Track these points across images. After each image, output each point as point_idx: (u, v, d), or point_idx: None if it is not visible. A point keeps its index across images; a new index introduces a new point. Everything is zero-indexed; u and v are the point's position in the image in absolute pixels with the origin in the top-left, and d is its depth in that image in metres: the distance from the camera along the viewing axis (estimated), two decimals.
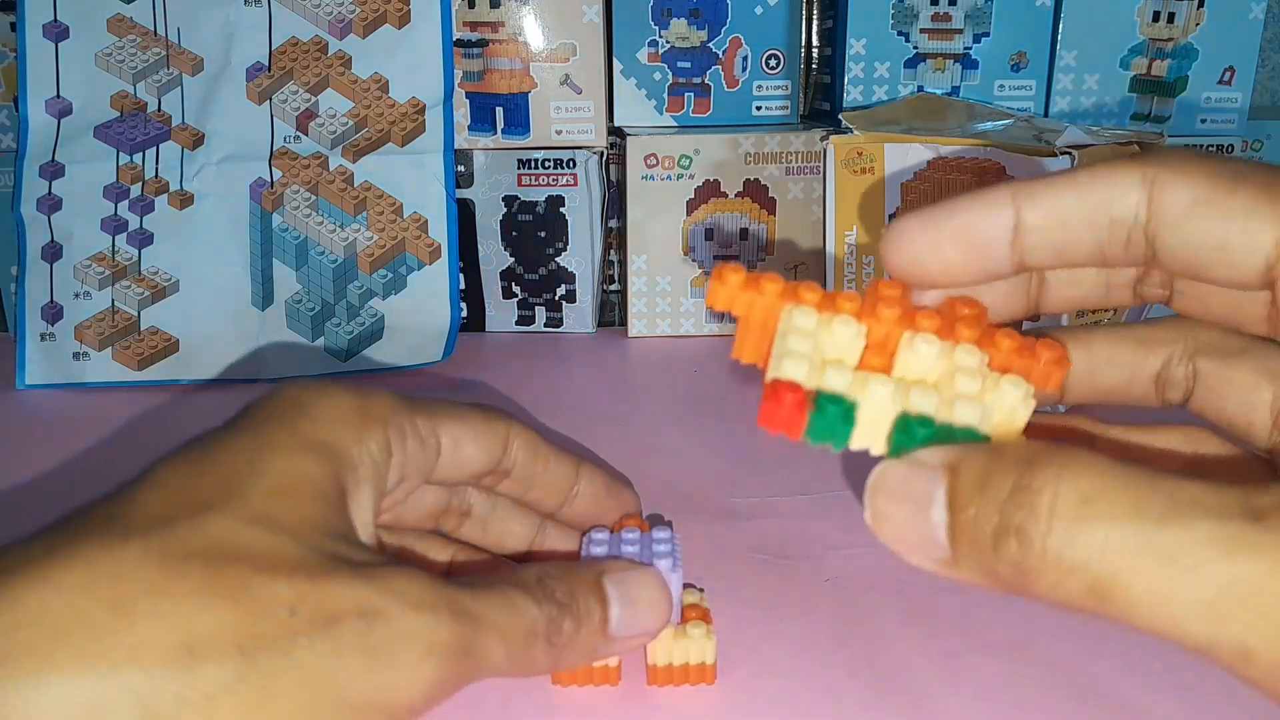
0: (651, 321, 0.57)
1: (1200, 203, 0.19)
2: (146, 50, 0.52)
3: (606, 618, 0.24)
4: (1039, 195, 0.21)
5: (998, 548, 0.17)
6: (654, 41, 0.55)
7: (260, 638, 0.18)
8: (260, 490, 0.21)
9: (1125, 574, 0.16)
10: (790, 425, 0.19)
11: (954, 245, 0.21)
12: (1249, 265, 0.19)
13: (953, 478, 0.18)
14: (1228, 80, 0.56)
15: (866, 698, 0.26)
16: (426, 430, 0.25)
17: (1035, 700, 0.26)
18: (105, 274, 0.51)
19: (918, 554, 0.19)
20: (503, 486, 0.28)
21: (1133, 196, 0.20)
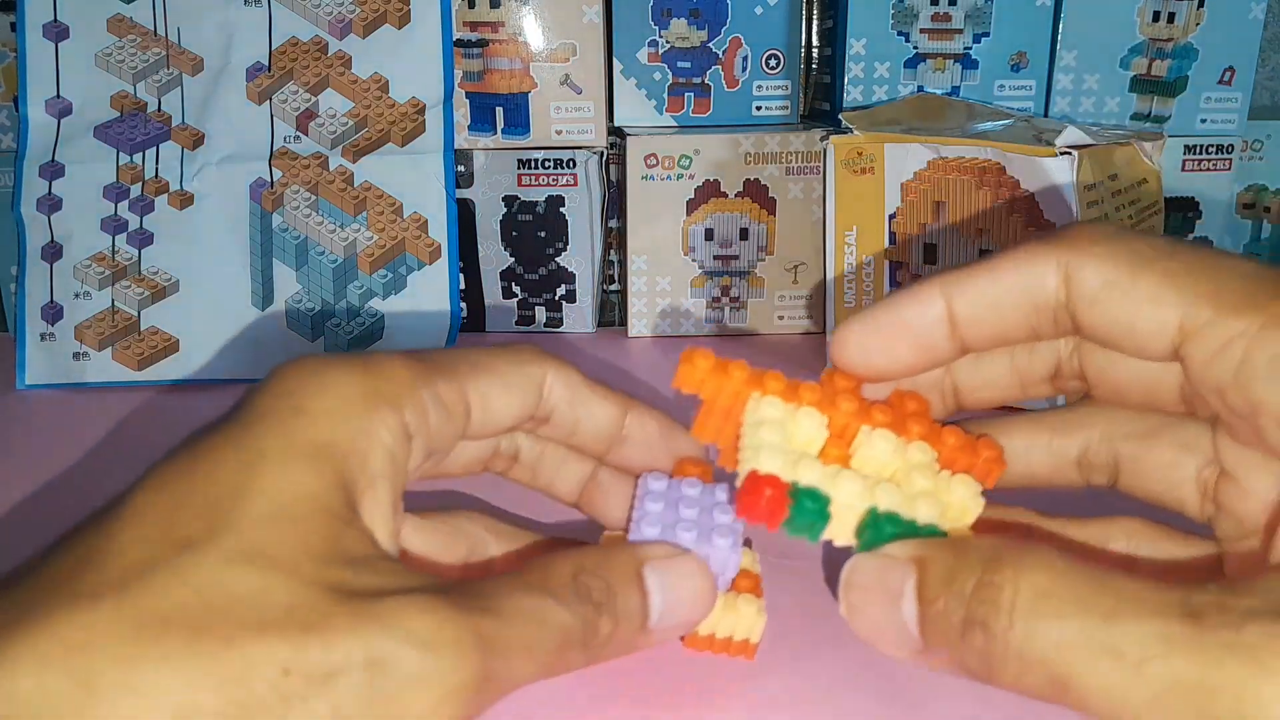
0: (651, 321, 0.57)
1: (1109, 286, 0.21)
2: (146, 50, 0.52)
3: (647, 611, 0.22)
4: (965, 285, 0.22)
5: (964, 638, 0.18)
6: (654, 41, 0.55)
7: (249, 708, 0.17)
8: (251, 518, 0.19)
9: (1079, 669, 0.17)
10: (770, 517, 0.21)
11: (894, 340, 0.23)
12: (1158, 344, 0.20)
13: (921, 571, 0.19)
14: (1228, 80, 0.56)
15: (868, 697, 0.26)
16: (451, 396, 0.23)
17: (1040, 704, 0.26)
18: (105, 274, 0.51)
19: (892, 644, 0.20)
20: (544, 431, 0.25)
21: (1050, 281, 0.21)
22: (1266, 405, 0.19)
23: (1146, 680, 0.16)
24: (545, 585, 0.21)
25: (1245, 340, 0.19)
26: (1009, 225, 0.47)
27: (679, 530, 0.23)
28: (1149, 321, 0.20)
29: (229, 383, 0.51)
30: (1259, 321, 0.19)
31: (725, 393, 0.23)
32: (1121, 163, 0.47)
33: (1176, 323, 0.20)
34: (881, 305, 0.23)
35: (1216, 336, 0.19)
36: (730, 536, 0.24)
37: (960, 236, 0.49)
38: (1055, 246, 0.21)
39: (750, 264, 0.56)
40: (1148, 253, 0.20)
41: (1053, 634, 0.17)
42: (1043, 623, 0.17)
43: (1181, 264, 0.20)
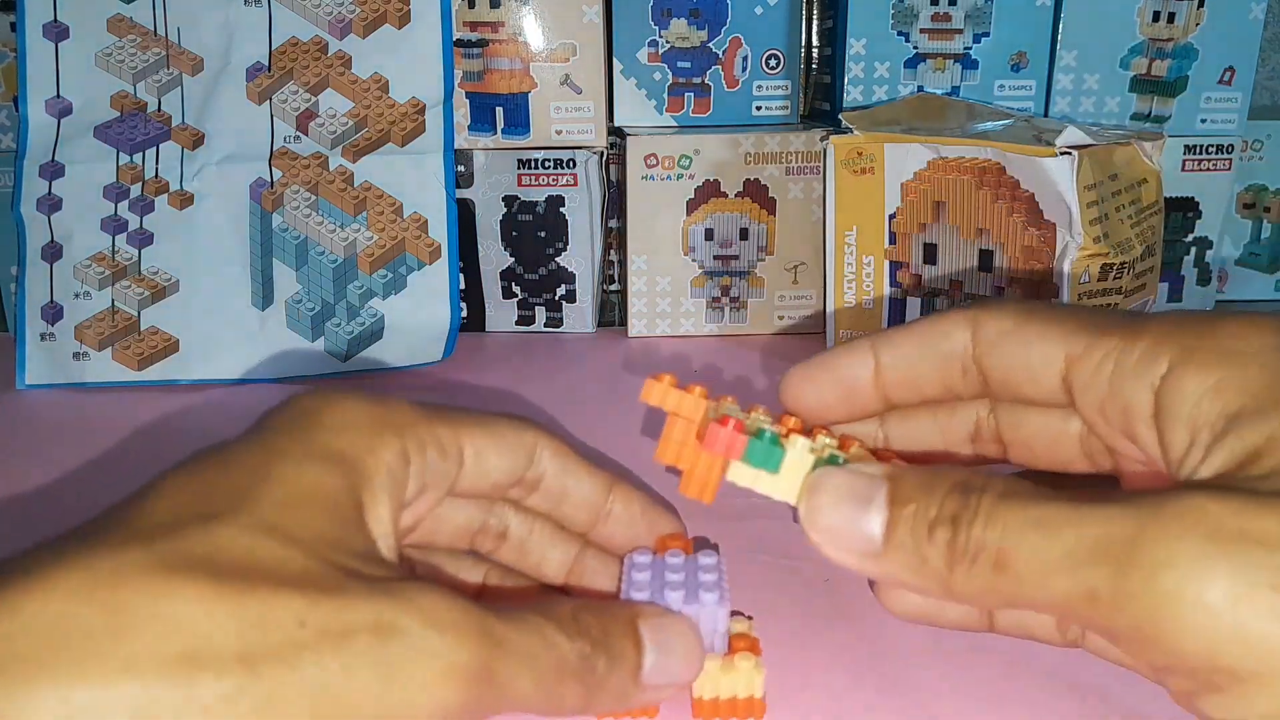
0: (651, 321, 0.57)
1: (1005, 333, 0.25)
2: (146, 50, 0.52)
3: (640, 663, 0.23)
4: (891, 339, 0.26)
5: (933, 535, 0.21)
6: (654, 41, 0.55)
7: (265, 649, 0.17)
8: (271, 500, 0.20)
9: (1016, 543, 0.20)
10: (732, 444, 0.24)
11: (830, 386, 0.27)
12: (1049, 379, 0.24)
13: (894, 484, 0.22)
14: (1228, 80, 0.56)
15: (868, 698, 0.26)
16: (448, 439, 0.24)
17: (1037, 700, 0.26)
18: (105, 274, 0.51)
19: (846, 546, 0.22)
20: (532, 500, 0.27)
21: (960, 334, 0.25)
22: (1135, 407, 0.22)
23: (1061, 540, 0.19)
24: (547, 613, 0.21)
25: (1115, 353, 0.23)
26: (1009, 225, 0.47)
27: (666, 591, 0.25)
28: (1039, 356, 0.24)
29: (229, 383, 0.51)
30: (1125, 337, 0.23)
31: (687, 403, 0.25)
32: (1121, 163, 0.47)
33: (1062, 354, 0.24)
34: (820, 356, 0.27)
35: (1093, 356, 0.23)
36: (716, 592, 0.25)
37: (960, 237, 0.49)
38: (965, 310, 0.26)
39: (750, 264, 0.56)
40: (1038, 308, 0.25)
41: (1009, 522, 0.20)
42: (999, 511, 0.20)
43: (1064, 313, 0.24)
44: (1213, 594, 0.17)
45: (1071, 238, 0.45)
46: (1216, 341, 0.21)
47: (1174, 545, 0.18)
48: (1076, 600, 0.19)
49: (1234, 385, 0.20)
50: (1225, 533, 0.18)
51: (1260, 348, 0.21)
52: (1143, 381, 0.22)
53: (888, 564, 0.22)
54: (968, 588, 0.20)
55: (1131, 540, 0.18)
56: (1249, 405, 0.20)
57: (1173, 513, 0.18)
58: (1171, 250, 0.58)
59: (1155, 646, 0.18)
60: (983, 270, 0.49)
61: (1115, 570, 0.18)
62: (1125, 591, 0.18)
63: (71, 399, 0.49)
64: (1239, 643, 0.17)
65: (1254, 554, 0.17)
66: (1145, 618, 0.18)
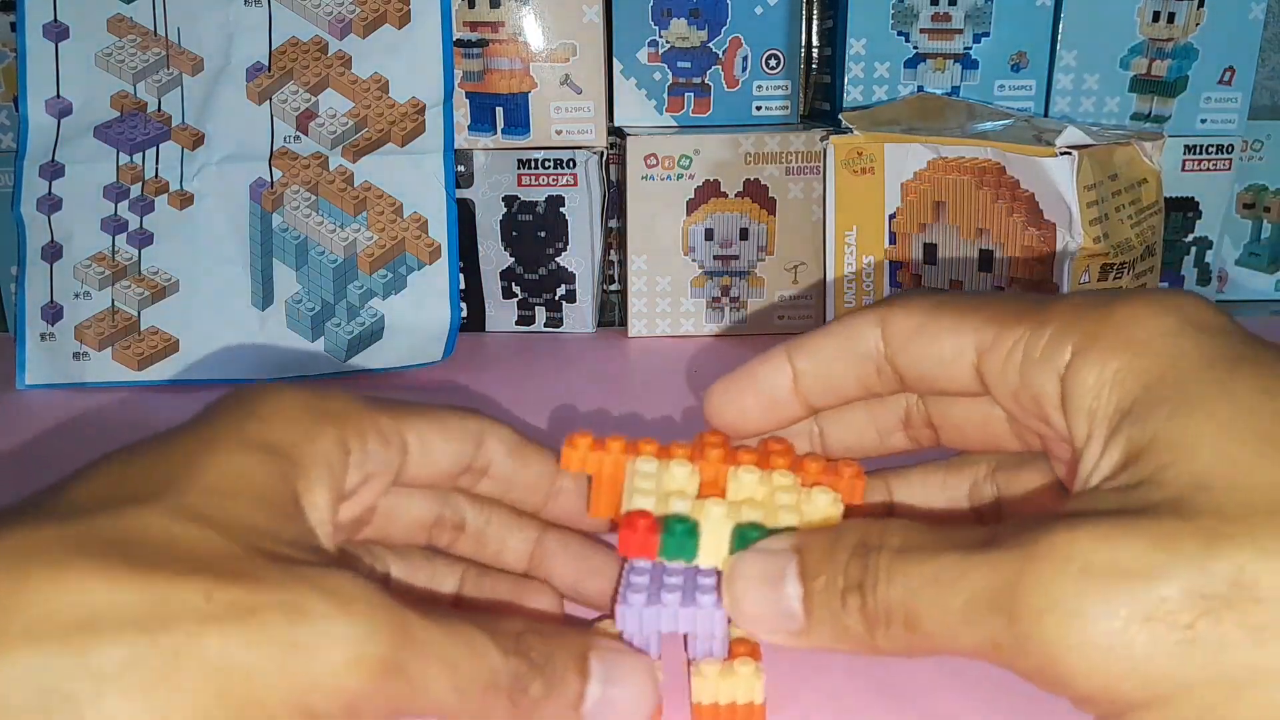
0: (651, 321, 0.57)
1: (916, 329, 0.24)
2: (146, 50, 0.52)
3: (583, 695, 0.22)
4: (805, 345, 0.26)
5: (845, 604, 0.21)
6: (654, 41, 0.55)
7: (166, 620, 0.17)
8: (195, 487, 0.20)
9: (918, 602, 0.20)
10: (646, 547, 0.24)
11: (750, 397, 0.27)
12: (963, 371, 0.24)
13: (801, 556, 0.22)
14: (1228, 80, 0.56)
15: (870, 703, 0.26)
16: (390, 428, 0.24)
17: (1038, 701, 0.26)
18: (105, 274, 0.51)
19: (774, 628, 0.22)
20: (482, 487, 0.27)
21: (871, 333, 0.25)
22: (1045, 395, 0.22)
23: (956, 595, 0.19)
24: (488, 627, 0.21)
25: (1023, 342, 0.23)
26: (1009, 225, 0.47)
27: (664, 594, 0.24)
28: (949, 350, 0.24)
29: (229, 383, 0.51)
30: (1031, 325, 0.23)
31: (607, 465, 0.26)
32: (1122, 163, 0.47)
33: (972, 347, 0.24)
34: (740, 368, 0.27)
35: (1002, 346, 0.23)
36: (714, 595, 0.24)
37: (960, 237, 0.49)
38: (874, 308, 0.25)
39: (750, 264, 0.56)
40: (945, 300, 0.25)
41: (908, 580, 0.20)
42: (900, 573, 0.20)
43: (971, 303, 0.24)
44: (1091, 637, 0.18)
45: (1071, 238, 0.45)
46: (1116, 327, 0.21)
47: (1050, 589, 0.18)
48: (985, 650, 0.19)
49: (1129, 377, 0.21)
50: (1095, 569, 0.18)
51: (1157, 332, 0.21)
52: (1049, 370, 0.22)
53: (815, 638, 0.22)
54: (892, 647, 0.21)
55: (1013, 587, 0.18)
56: (1141, 399, 0.20)
57: (1045, 552, 0.18)
58: (1171, 250, 0.58)
59: (1061, 687, 0.19)
60: (983, 270, 0.49)
61: (1006, 620, 0.19)
62: (1020, 638, 0.18)
63: (71, 399, 0.49)
64: (1126, 678, 0.18)
65: (1124, 587, 0.18)
66: (1043, 663, 0.18)
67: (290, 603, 0.18)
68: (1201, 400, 0.19)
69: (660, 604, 0.24)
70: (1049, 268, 0.46)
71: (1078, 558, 0.18)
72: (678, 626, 0.25)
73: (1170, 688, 0.17)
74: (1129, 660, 0.17)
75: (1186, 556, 0.18)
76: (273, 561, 0.19)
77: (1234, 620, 0.17)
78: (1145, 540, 0.18)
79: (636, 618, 0.24)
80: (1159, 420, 0.20)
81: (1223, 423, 0.19)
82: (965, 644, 0.19)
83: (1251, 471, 0.18)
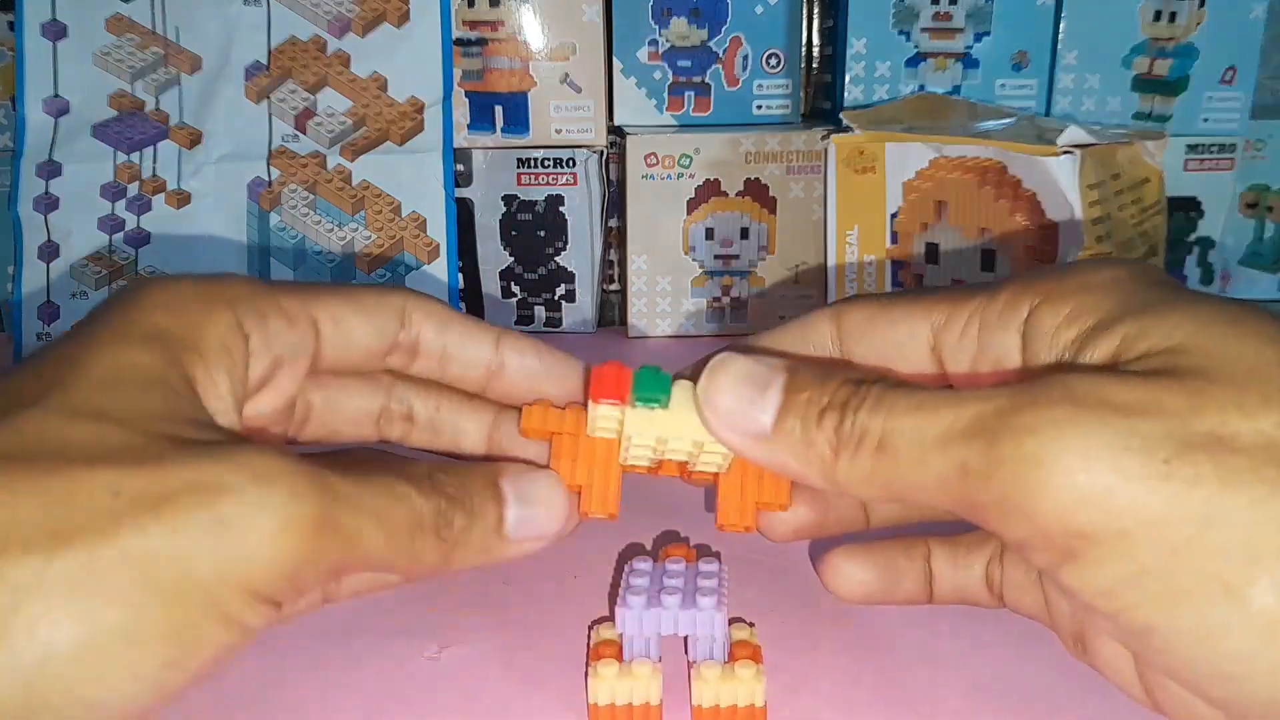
0: (652, 321, 0.57)
1: (869, 319, 0.25)
2: (145, 49, 0.52)
3: (503, 517, 0.23)
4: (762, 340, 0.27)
5: (821, 421, 0.21)
6: (654, 40, 0.55)
7: (76, 524, 0.17)
8: (84, 383, 0.19)
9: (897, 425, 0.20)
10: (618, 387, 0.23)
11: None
12: (918, 353, 0.24)
13: (792, 374, 0.22)
14: (1229, 80, 0.56)
15: (872, 707, 0.26)
16: (295, 308, 0.23)
17: (1040, 701, 0.25)
18: (102, 274, 0.51)
19: (739, 426, 0.22)
20: (416, 367, 0.26)
21: (825, 326, 0.26)
22: (1006, 353, 0.23)
23: (937, 419, 0.20)
24: (400, 472, 0.21)
25: (980, 311, 0.23)
26: (1011, 225, 0.47)
27: (664, 596, 0.24)
28: (904, 332, 0.24)
29: None
30: (986, 296, 0.23)
31: (569, 423, 0.25)
32: (1124, 162, 0.47)
33: (927, 326, 0.24)
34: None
35: (958, 321, 0.24)
36: (714, 597, 0.24)
37: (962, 236, 0.49)
38: (828, 307, 0.26)
39: (751, 264, 0.56)
40: (897, 294, 0.26)
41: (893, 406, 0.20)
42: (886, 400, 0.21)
43: (923, 292, 0.25)
44: (1066, 456, 0.18)
45: (1074, 237, 0.45)
46: (1070, 282, 0.22)
47: (1039, 413, 0.19)
48: (949, 476, 0.19)
49: (1085, 310, 0.21)
50: (1085, 401, 0.18)
51: (1108, 280, 0.22)
52: (1009, 330, 0.23)
53: (775, 448, 0.22)
54: (850, 474, 0.21)
55: (1002, 413, 0.19)
56: (1101, 322, 0.21)
57: (1040, 387, 0.19)
58: (1174, 250, 0.58)
59: (1017, 517, 0.19)
60: (985, 270, 0.48)
61: (985, 442, 0.19)
62: (994, 460, 0.19)
63: None
64: (1091, 503, 0.18)
65: (1110, 418, 0.18)
66: (1009, 485, 0.19)
67: (204, 482, 0.18)
68: (1170, 306, 0.20)
69: (660, 606, 0.24)
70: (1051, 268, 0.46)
71: (1072, 393, 0.19)
72: (678, 629, 0.24)
73: (1133, 523, 0.18)
74: (1098, 485, 0.18)
75: (1172, 406, 0.18)
76: (176, 446, 0.18)
77: (1210, 464, 0.17)
78: (1135, 388, 0.19)
79: (636, 620, 0.24)
80: (1125, 327, 0.20)
81: (1193, 315, 0.20)
82: (930, 470, 0.20)
83: (1229, 346, 0.19)
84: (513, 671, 0.27)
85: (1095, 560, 0.18)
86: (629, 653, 0.25)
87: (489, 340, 0.26)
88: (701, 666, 0.24)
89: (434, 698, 0.26)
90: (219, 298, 0.22)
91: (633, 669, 0.24)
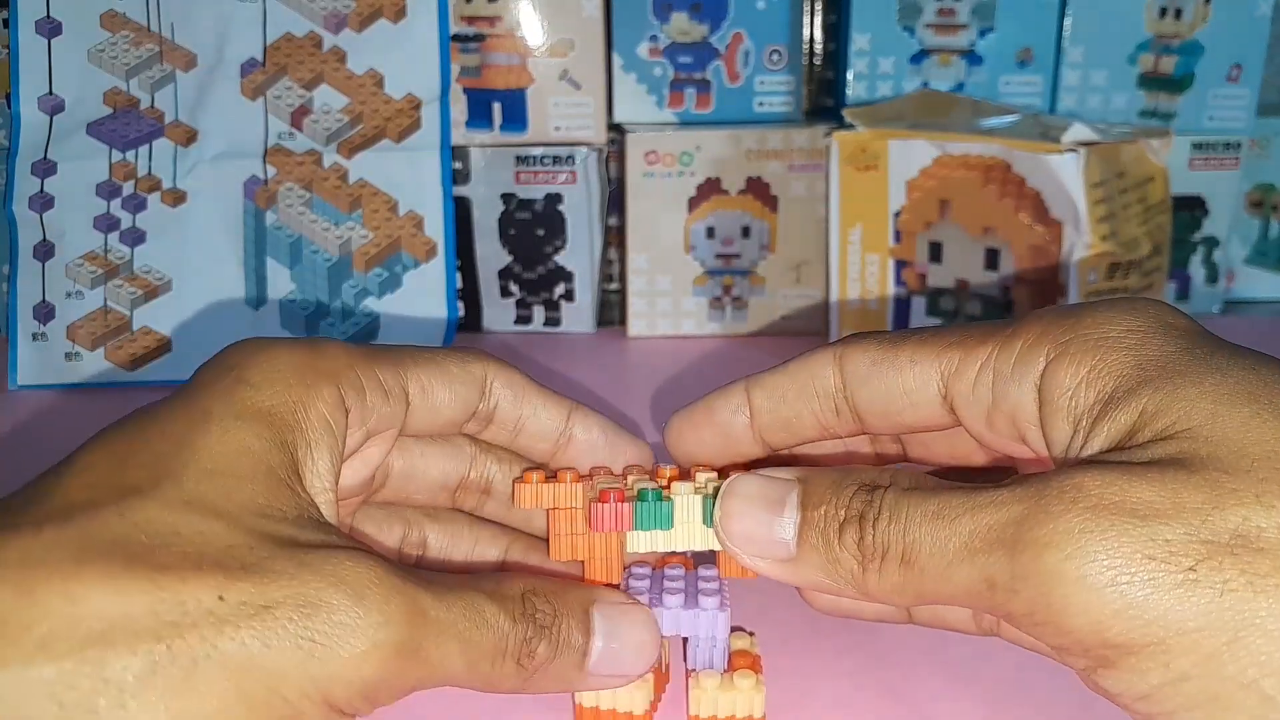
0: (652, 321, 0.56)
1: (875, 363, 0.24)
2: (140, 46, 0.51)
3: (588, 650, 0.22)
4: (764, 382, 0.26)
5: (843, 536, 0.21)
6: (654, 36, 0.55)
7: (180, 626, 0.17)
8: (193, 471, 0.19)
9: (918, 537, 0.20)
10: (619, 518, 0.23)
11: (708, 431, 0.26)
12: (928, 401, 0.24)
13: (805, 486, 0.22)
14: (1235, 78, 0.55)
15: (872, 713, 0.25)
16: (390, 379, 0.24)
17: (1042, 704, 0.25)
18: (97, 273, 0.50)
19: (762, 552, 0.22)
20: (487, 434, 0.26)
21: (828, 370, 0.25)
22: (1021, 410, 0.22)
23: (958, 528, 0.19)
24: (493, 591, 0.21)
25: (992, 361, 0.22)
26: (1015, 223, 0.46)
27: (665, 596, 0.24)
28: (915, 380, 0.23)
29: None
30: (999, 343, 0.22)
31: (563, 498, 0.25)
32: (1128, 160, 0.47)
33: (938, 373, 0.23)
34: (700, 401, 0.27)
35: (970, 369, 0.23)
36: (716, 598, 0.24)
37: (966, 234, 0.48)
38: (831, 346, 0.25)
39: (752, 263, 0.55)
40: (902, 334, 0.24)
41: (911, 515, 0.20)
42: (903, 508, 0.20)
43: (930, 333, 0.24)
44: (1092, 570, 0.18)
45: (1078, 235, 0.44)
46: (1085, 332, 0.21)
47: (1055, 524, 0.18)
48: (978, 589, 0.19)
49: (1104, 371, 0.21)
50: (1102, 506, 0.18)
51: (1125, 331, 0.21)
52: (1025, 383, 0.22)
53: (803, 569, 0.21)
54: (881, 587, 0.20)
55: (1019, 523, 0.19)
56: (1120, 387, 0.20)
57: (1054, 492, 0.19)
58: (1179, 249, 0.57)
59: (1050, 628, 0.19)
60: (989, 269, 0.48)
61: (1007, 555, 0.19)
62: (1018, 575, 0.18)
63: (64, 400, 0.49)
64: (1122, 616, 0.17)
65: (1128, 525, 0.18)
66: (1037, 600, 0.18)
67: (304, 596, 0.18)
68: (1187, 374, 0.20)
69: (662, 606, 0.24)
70: (1055, 266, 0.45)
71: (1085, 497, 0.18)
72: (679, 629, 0.24)
73: (1166, 632, 0.17)
74: (1127, 598, 0.17)
75: (1191, 504, 0.18)
76: (281, 548, 0.19)
77: (1236, 567, 0.17)
78: (1152, 486, 0.18)
79: None
80: (1145, 397, 0.20)
81: (1211, 391, 0.19)
82: (959, 581, 0.19)
83: (1248, 431, 0.18)
84: None
85: (1132, 668, 0.18)
86: None
87: (562, 413, 0.27)
88: (700, 676, 0.24)
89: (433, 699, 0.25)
90: (321, 371, 0.22)
91: None
